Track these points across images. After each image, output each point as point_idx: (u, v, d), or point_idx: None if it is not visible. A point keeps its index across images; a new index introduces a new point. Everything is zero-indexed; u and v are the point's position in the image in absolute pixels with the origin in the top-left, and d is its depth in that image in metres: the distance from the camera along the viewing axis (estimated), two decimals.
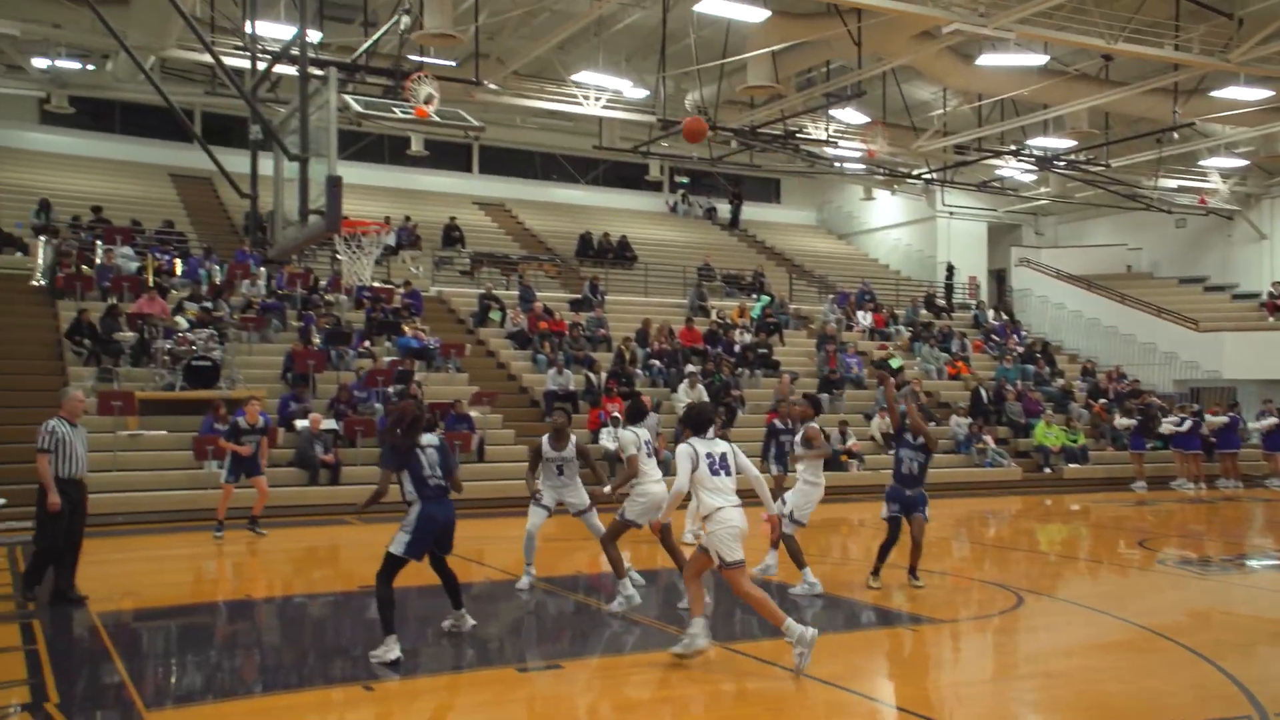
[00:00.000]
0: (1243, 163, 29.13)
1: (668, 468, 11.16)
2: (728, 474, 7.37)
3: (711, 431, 7.82)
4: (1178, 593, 10.79)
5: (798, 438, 10.47)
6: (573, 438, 9.92)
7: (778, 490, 14.75)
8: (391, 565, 7.39)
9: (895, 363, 24.91)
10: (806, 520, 10.17)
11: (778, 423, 15.43)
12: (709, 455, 7.33)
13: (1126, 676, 7.14)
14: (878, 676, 7.50)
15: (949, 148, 27.56)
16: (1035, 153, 27.18)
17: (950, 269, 33.09)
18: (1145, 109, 23.95)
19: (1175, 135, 25.21)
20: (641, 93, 24.52)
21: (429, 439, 7.60)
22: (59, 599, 9.24)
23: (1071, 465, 22.71)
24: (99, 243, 21.46)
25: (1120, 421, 24.19)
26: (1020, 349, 28.14)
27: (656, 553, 10.74)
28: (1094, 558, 13.39)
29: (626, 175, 35.23)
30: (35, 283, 20.35)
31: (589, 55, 23.43)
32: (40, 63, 23.79)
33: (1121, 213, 32.86)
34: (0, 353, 18.02)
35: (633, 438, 8.98)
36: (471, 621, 8.07)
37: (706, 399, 20.78)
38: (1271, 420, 22.04)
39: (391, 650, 7.14)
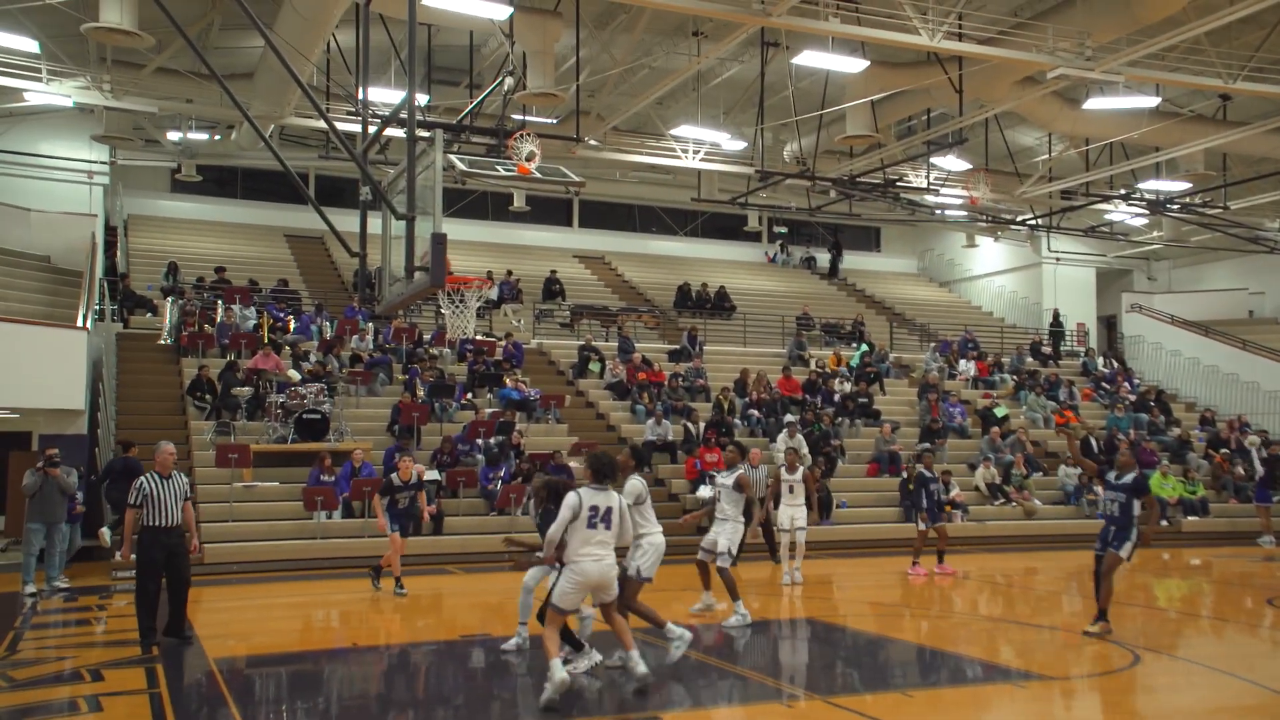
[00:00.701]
0: None
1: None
2: (606, 527, 7.65)
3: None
4: None
5: (729, 481, 11.47)
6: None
7: (939, 540, 15.35)
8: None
9: (1000, 412, 24.34)
10: (736, 556, 11.19)
11: (925, 471, 15.47)
12: (592, 507, 7.66)
13: None
14: None
15: (1055, 193, 27.04)
16: (1147, 196, 26.47)
17: (1056, 316, 32.26)
18: (1268, 149, 23.15)
19: None
20: (739, 144, 24.73)
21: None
22: (171, 633, 9.96)
23: (1190, 518, 21.79)
24: (220, 302, 22.50)
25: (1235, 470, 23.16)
26: (1133, 397, 27.22)
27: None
28: (1218, 615, 12.79)
29: (725, 226, 35.42)
30: (163, 341, 21.40)
31: (688, 109, 23.77)
32: (173, 135, 25.33)
33: (1242, 256, 31.67)
34: (130, 408, 18.95)
35: (640, 486, 8.83)
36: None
37: (806, 450, 20.61)
38: None
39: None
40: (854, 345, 27.64)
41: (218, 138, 25.80)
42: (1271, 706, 7.82)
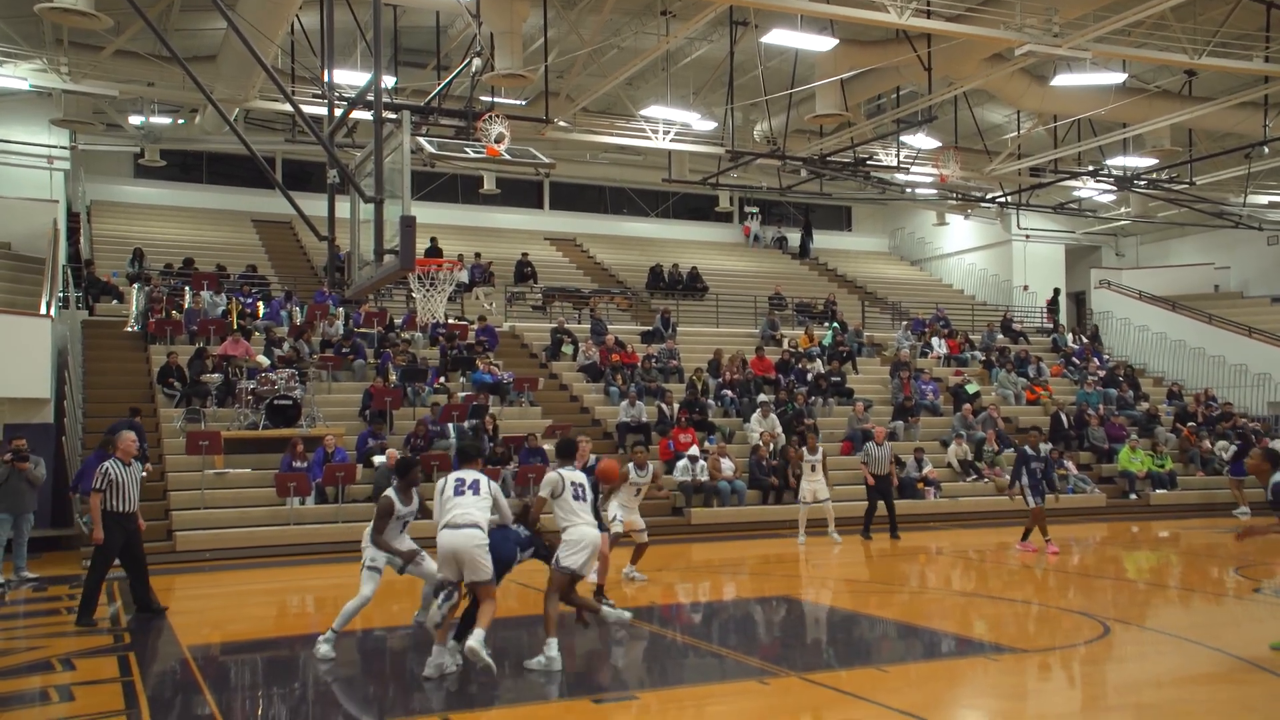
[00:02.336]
0: None
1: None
2: (475, 493, 7.96)
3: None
4: (1276, 624, 10.40)
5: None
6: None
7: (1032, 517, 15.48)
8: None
9: (972, 389, 24.54)
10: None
11: (1028, 449, 15.82)
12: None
13: (1225, 710, 6.92)
14: (959, 707, 7.38)
15: (1024, 170, 27.19)
16: (1114, 173, 26.68)
17: (1056, 295, 32.37)
18: (1233, 124, 23.35)
19: (1265, 150, 24.55)
20: (710, 125, 24.70)
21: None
22: (143, 610, 10.52)
23: (1159, 491, 22.08)
24: (187, 288, 22.23)
25: (1219, 445, 23.48)
26: (1102, 372, 27.51)
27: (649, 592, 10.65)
28: (1185, 586, 12.99)
29: (696, 207, 35.41)
30: (130, 328, 21.15)
31: (657, 89, 23.69)
32: (136, 119, 24.92)
33: (1208, 231, 32.02)
34: (97, 396, 18.75)
35: (555, 479, 8.35)
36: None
37: (779, 429, 20.72)
38: None
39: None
40: (826, 324, 27.75)
41: (181, 122, 25.44)
42: (1237, 673, 7.96)
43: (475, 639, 7.56)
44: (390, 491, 8.74)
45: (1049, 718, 7.03)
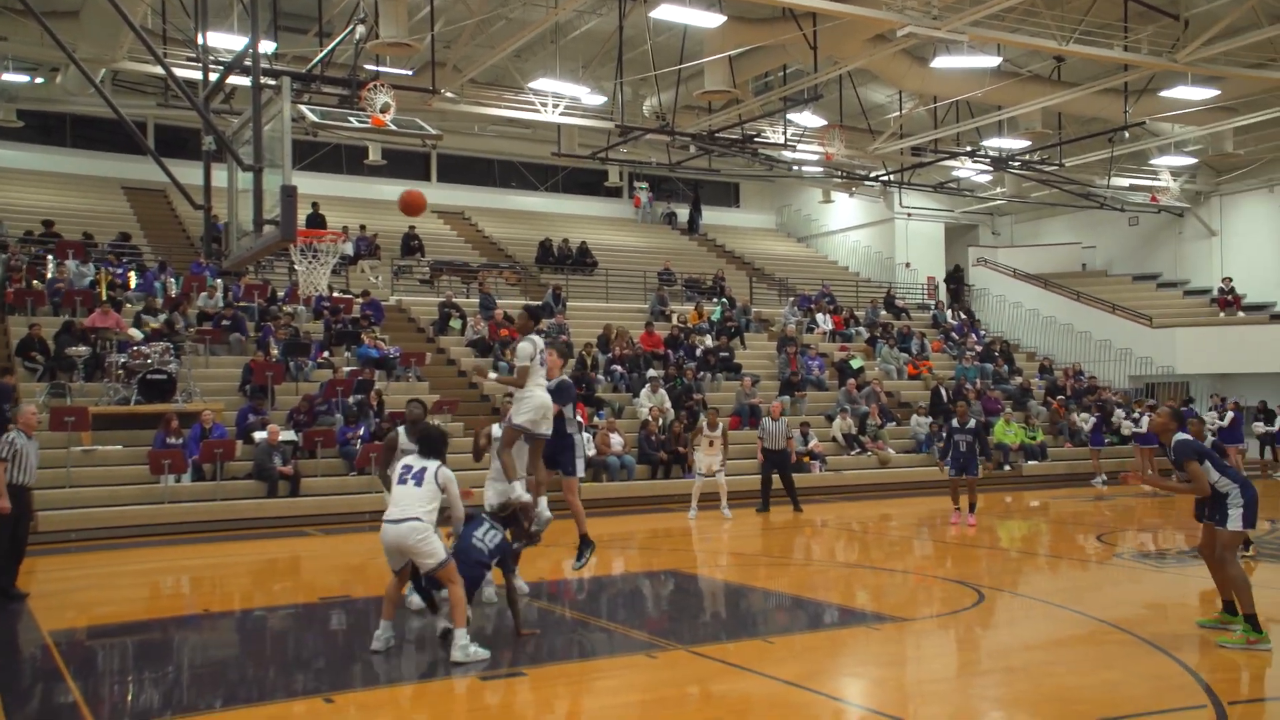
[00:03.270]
0: (1192, 161, 29.67)
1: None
2: (417, 484, 7.68)
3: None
4: (1135, 586, 10.94)
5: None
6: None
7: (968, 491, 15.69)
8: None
9: (856, 364, 25.09)
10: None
11: (954, 422, 15.92)
12: (405, 465, 7.84)
13: (1085, 669, 7.23)
14: (841, 676, 7.54)
15: (906, 150, 27.82)
16: (990, 153, 27.52)
17: (957, 269, 33.24)
18: (1097, 109, 24.32)
19: (1126, 135, 25.65)
20: (599, 99, 24.54)
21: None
22: (2, 596, 9.99)
23: (1030, 462, 22.99)
24: (50, 257, 21.12)
25: (1080, 417, 24.52)
26: (979, 348, 28.45)
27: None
28: (1053, 553, 13.55)
29: (586, 181, 35.21)
30: None
31: (546, 62, 23.41)
32: None
33: (1076, 212, 33.34)
34: None
35: (529, 348, 8.73)
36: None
37: (669, 404, 20.83)
38: (1231, 415, 22.40)
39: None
40: (715, 300, 27.99)
41: (40, 81, 23.99)
42: (1100, 634, 8.34)
43: (458, 651, 7.37)
44: (400, 429, 9.26)
45: (926, 683, 7.24)
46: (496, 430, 9.62)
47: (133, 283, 21.31)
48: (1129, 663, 7.41)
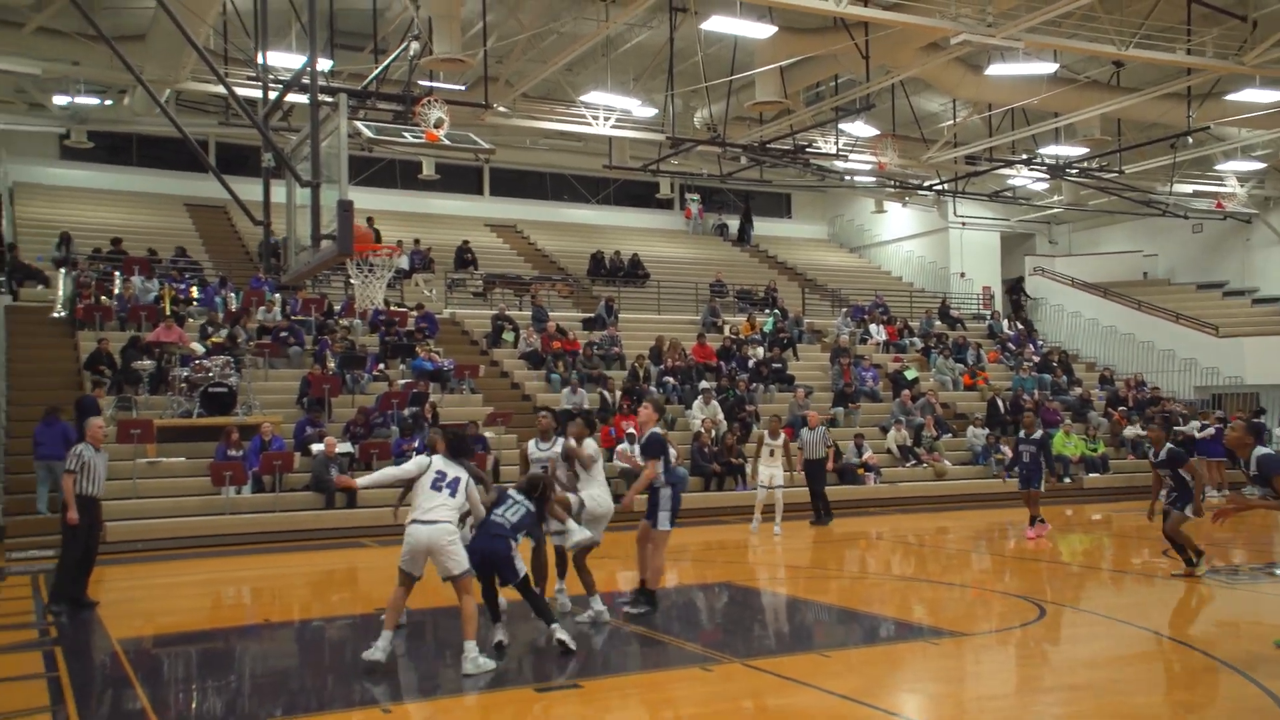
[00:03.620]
0: (1260, 166, 28.88)
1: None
2: (452, 493, 7.69)
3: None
4: (1206, 603, 10.65)
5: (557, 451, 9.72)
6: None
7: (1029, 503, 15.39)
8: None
9: (911, 375, 24.83)
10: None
11: (1022, 433, 15.74)
12: (439, 472, 7.74)
13: (1154, 688, 7.06)
14: (899, 692, 7.44)
15: (960, 158, 27.53)
16: (1047, 161, 27.11)
17: (1019, 282, 32.41)
18: (1159, 114, 23.86)
19: (1190, 140, 25.11)
20: (650, 111, 24.61)
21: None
22: (73, 605, 10.19)
23: (1091, 475, 22.55)
24: (118, 273, 21.60)
25: (1130, 430, 24.01)
26: (1036, 358, 28.00)
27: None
28: (1117, 568, 13.27)
29: (637, 194, 35.30)
30: (56, 314, 20.51)
31: (597, 76, 23.53)
32: (60, 99, 24.02)
33: (1136, 219, 32.71)
34: (23, 384, 18.19)
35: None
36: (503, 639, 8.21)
37: (721, 416, 20.77)
38: None
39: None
40: (767, 311, 27.88)
41: (109, 102, 24.66)
42: (1169, 652, 8.14)
43: (468, 663, 7.41)
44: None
45: (986, 700, 7.11)
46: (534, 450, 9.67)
47: (195, 298, 21.73)
48: (1201, 683, 7.21)
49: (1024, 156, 27.23)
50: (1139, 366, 28.78)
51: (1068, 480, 22.21)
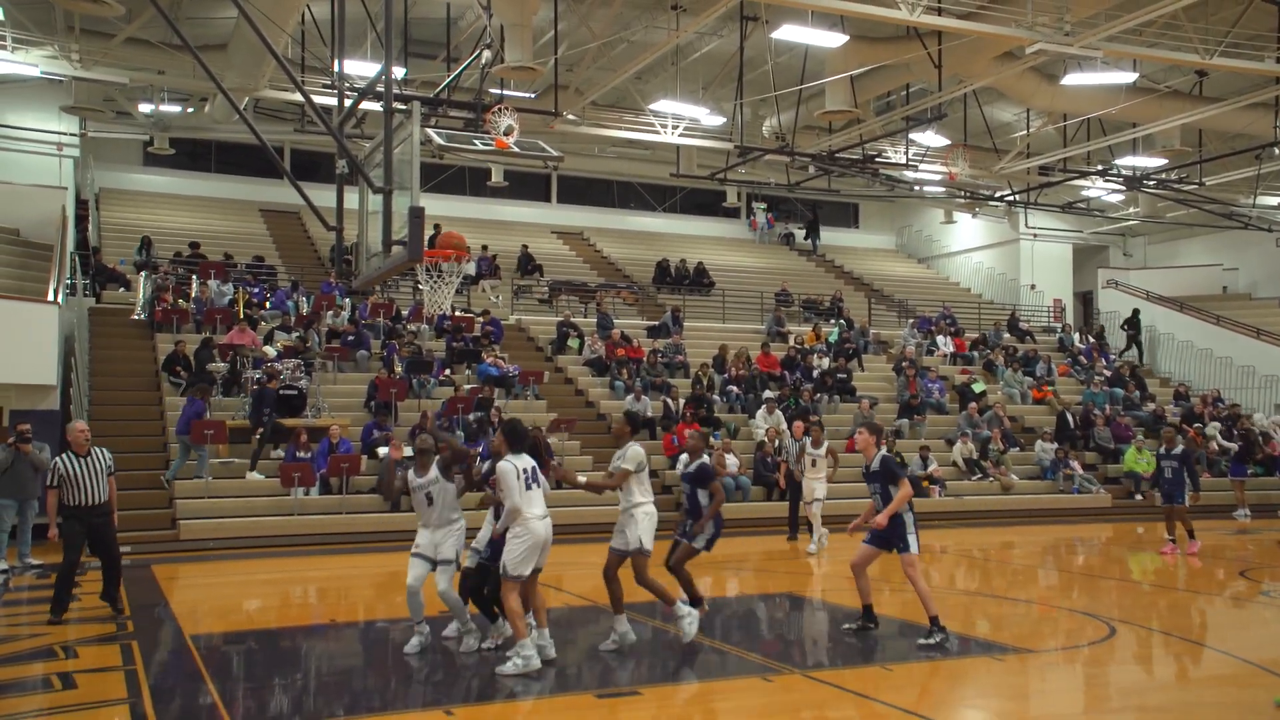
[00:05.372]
0: None
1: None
2: (539, 486, 7.90)
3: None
4: None
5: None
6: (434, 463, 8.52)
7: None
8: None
9: (978, 387, 24.47)
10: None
11: (1163, 448, 15.54)
12: (524, 470, 7.79)
13: (1231, 714, 6.87)
14: (962, 707, 7.33)
15: (1033, 169, 27.08)
16: (1123, 172, 26.54)
17: (1135, 315, 30.55)
18: (1244, 124, 23.22)
19: (1276, 151, 24.40)
20: (718, 120, 24.63)
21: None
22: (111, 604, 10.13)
23: None
24: (195, 277, 22.23)
25: (1209, 431, 23.37)
26: (1108, 373, 27.40)
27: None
28: (1191, 588, 12.92)
29: (703, 202, 35.32)
30: (136, 316, 21.14)
31: (666, 84, 23.62)
32: (145, 107, 24.87)
33: (1216, 232, 31.84)
34: (104, 384, 18.75)
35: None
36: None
37: (784, 425, 20.65)
38: None
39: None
40: (832, 321, 27.67)
41: (190, 110, 25.40)
42: (1247, 677, 7.90)
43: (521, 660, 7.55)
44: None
45: (1053, 718, 6.97)
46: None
47: (268, 302, 22.21)
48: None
49: (1099, 167, 26.69)
50: (1216, 382, 28.00)
51: (1139, 497, 21.68)
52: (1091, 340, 30.30)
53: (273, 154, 11.27)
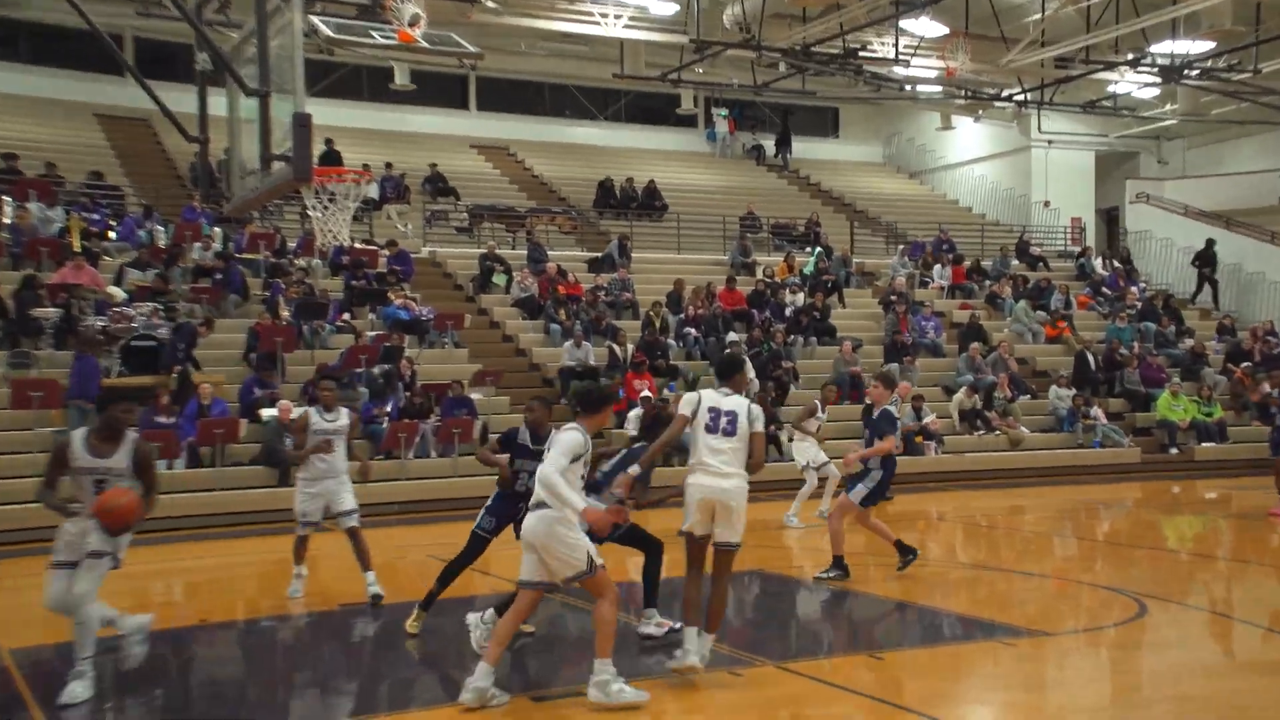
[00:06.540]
0: None
1: None
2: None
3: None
4: None
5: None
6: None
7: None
8: None
9: (982, 324, 24.69)
10: None
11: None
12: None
13: None
14: (967, 702, 7.42)
15: (1048, 61, 27.00)
16: (1160, 61, 26.50)
17: (1210, 245, 30.29)
18: None
19: None
20: (670, 8, 24.36)
21: None
22: None
23: (1205, 444, 22.39)
24: (7, 199, 21.37)
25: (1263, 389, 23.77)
26: (1138, 304, 27.74)
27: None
28: (1237, 558, 13.18)
29: (653, 109, 35.14)
30: None
31: None
32: None
33: (1272, 130, 32.00)
34: None
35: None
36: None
37: (753, 373, 20.64)
38: None
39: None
40: (808, 250, 27.73)
41: None
42: None
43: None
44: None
45: (1072, 713, 7.07)
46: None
47: (112, 233, 21.64)
48: None
49: (1130, 56, 26.70)
50: (1271, 314, 28.28)
51: (1174, 450, 22.01)
52: (1117, 266, 30.63)
53: (110, 43, 10.92)
